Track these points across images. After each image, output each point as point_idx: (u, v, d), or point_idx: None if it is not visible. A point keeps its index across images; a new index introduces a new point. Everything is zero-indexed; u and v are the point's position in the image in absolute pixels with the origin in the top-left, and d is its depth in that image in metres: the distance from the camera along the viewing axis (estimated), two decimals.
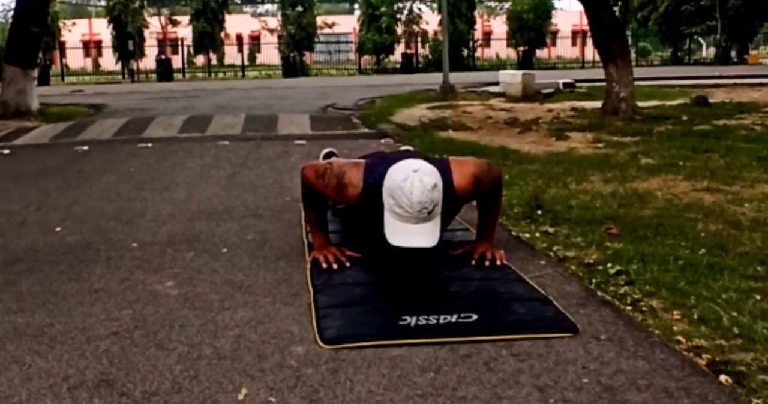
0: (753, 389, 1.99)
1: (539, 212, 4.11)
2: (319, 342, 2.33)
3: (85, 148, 7.84)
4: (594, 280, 2.97)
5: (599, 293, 2.80)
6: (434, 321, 2.43)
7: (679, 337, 2.35)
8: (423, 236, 2.75)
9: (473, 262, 3.10)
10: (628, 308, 2.64)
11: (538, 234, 3.72)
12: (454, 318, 2.45)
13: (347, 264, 3.10)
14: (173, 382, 2.08)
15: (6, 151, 7.81)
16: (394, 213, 2.76)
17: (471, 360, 2.19)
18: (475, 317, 2.46)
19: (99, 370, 2.17)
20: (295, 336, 2.40)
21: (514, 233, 3.76)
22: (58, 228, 4.06)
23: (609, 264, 3.13)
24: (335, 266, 3.07)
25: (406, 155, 3.16)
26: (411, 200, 2.68)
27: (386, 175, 2.82)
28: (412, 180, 2.70)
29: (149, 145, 7.94)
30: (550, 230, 3.78)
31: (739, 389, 2.00)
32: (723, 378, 2.06)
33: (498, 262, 3.08)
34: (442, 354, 2.23)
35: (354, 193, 3.03)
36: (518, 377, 2.08)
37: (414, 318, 2.45)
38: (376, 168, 3.01)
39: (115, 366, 2.20)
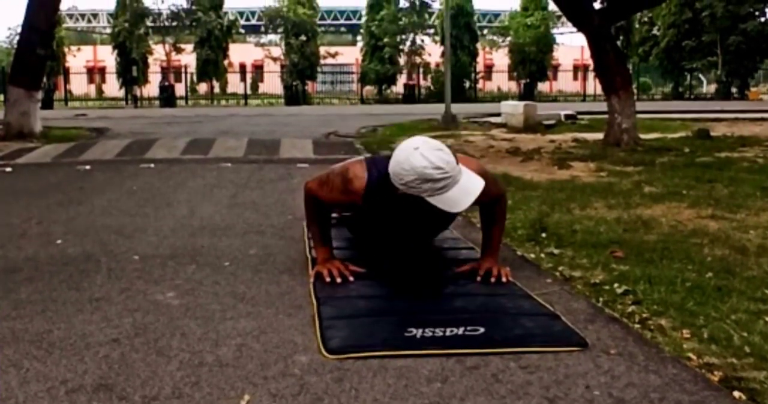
0: None
1: (543, 235, 4.08)
2: (324, 351, 2.28)
3: (87, 167, 7.83)
4: (601, 299, 2.93)
5: (607, 310, 2.77)
6: (441, 333, 2.38)
7: (690, 354, 2.31)
8: (470, 191, 2.73)
9: (479, 279, 3.06)
10: (637, 325, 2.60)
11: (543, 255, 3.69)
12: (460, 331, 2.41)
13: (351, 278, 3.06)
14: (174, 388, 2.04)
15: (8, 169, 7.80)
16: (428, 189, 2.70)
17: (478, 372, 2.15)
18: (482, 330, 2.42)
19: (98, 375, 2.12)
20: (298, 345, 2.36)
21: (519, 253, 3.73)
22: (58, 241, 4.03)
23: (615, 285, 3.10)
24: (339, 280, 3.03)
25: None
26: (432, 167, 2.64)
27: (390, 163, 2.79)
28: (419, 154, 2.67)
29: (151, 165, 7.93)
30: (555, 252, 3.74)
31: None
32: (737, 394, 2.02)
33: (504, 279, 3.05)
34: (449, 365, 2.19)
35: (360, 186, 2.99)
36: (527, 388, 2.03)
37: (420, 330, 2.40)
38: (378, 161, 3.02)
39: (114, 371, 2.15)
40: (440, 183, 2.68)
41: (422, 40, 34.45)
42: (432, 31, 35.36)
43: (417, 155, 2.67)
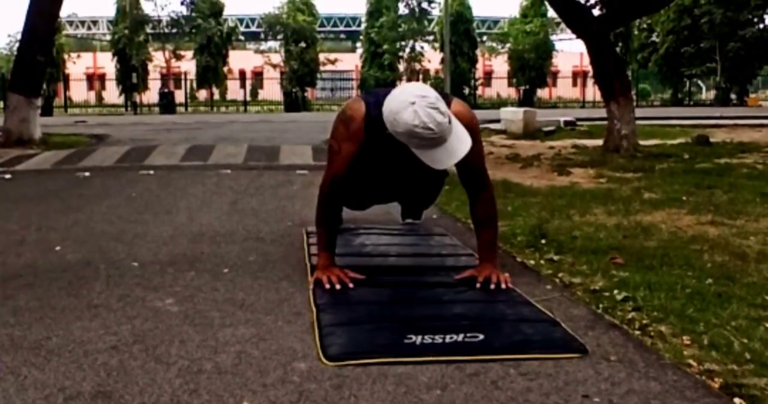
0: None
1: (543, 241, 4.08)
2: (323, 358, 2.28)
3: (87, 174, 7.82)
4: (601, 305, 2.92)
5: (607, 317, 2.76)
6: (440, 340, 2.38)
7: (690, 361, 2.30)
8: (454, 152, 2.81)
9: (478, 285, 3.05)
10: (637, 332, 2.60)
11: (542, 262, 3.68)
12: (460, 338, 2.40)
13: (350, 285, 3.06)
14: (172, 395, 2.03)
15: (7, 176, 7.79)
16: (414, 143, 2.77)
17: (478, 379, 2.14)
18: (481, 337, 2.42)
19: (96, 382, 2.12)
20: (297, 352, 2.35)
21: (518, 259, 3.72)
22: (57, 248, 4.02)
23: (615, 291, 3.08)
24: (338, 286, 3.02)
25: None
26: (422, 126, 2.70)
27: (386, 102, 2.83)
28: (412, 110, 2.71)
29: (151, 172, 7.93)
30: (555, 258, 3.73)
31: None
32: (737, 401, 2.01)
33: (503, 285, 3.04)
34: (448, 372, 2.18)
35: (359, 117, 3.03)
36: (527, 395, 2.02)
37: (419, 337, 2.40)
38: (374, 94, 3.08)
39: (112, 378, 2.15)
40: (426, 141, 2.76)
41: (422, 47, 34.59)
42: (431, 37, 35.48)
43: (410, 110, 2.71)
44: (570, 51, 41.54)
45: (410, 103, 2.73)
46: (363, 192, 3.66)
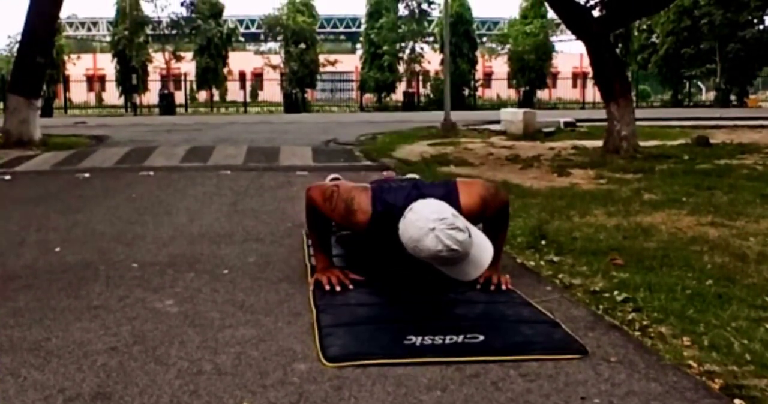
0: None
1: (543, 242, 4.08)
2: (323, 359, 2.28)
3: (87, 175, 7.82)
4: (601, 306, 2.92)
5: (607, 318, 2.76)
6: (440, 341, 2.38)
7: (691, 362, 2.30)
8: (479, 264, 2.74)
9: (478, 286, 3.05)
10: (637, 333, 2.60)
11: (543, 263, 3.68)
12: (460, 339, 2.40)
13: (350, 286, 3.05)
14: (172, 396, 2.03)
15: (7, 177, 7.79)
16: (439, 264, 2.72)
17: (478, 380, 2.14)
18: (482, 338, 2.42)
19: (96, 383, 2.11)
20: (297, 353, 2.35)
21: (519, 260, 3.72)
22: (57, 249, 4.02)
23: (615, 292, 3.09)
24: (338, 288, 3.02)
25: (412, 190, 3.02)
26: (447, 250, 2.63)
27: (402, 228, 2.74)
28: (434, 236, 2.63)
29: (151, 173, 7.93)
30: (555, 259, 3.73)
31: None
32: (738, 402, 2.01)
33: (504, 287, 3.04)
34: (448, 374, 2.18)
35: (363, 219, 2.98)
36: (527, 397, 2.02)
37: (419, 338, 2.40)
38: (385, 195, 2.98)
39: (112, 379, 2.14)
40: (451, 261, 2.69)
41: (421, 48, 34.53)
42: (431, 38, 35.45)
43: (432, 237, 2.63)
44: (570, 52, 41.51)
45: (430, 229, 2.64)
46: (363, 255, 3.59)
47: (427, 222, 2.66)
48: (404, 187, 3.06)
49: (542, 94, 36.35)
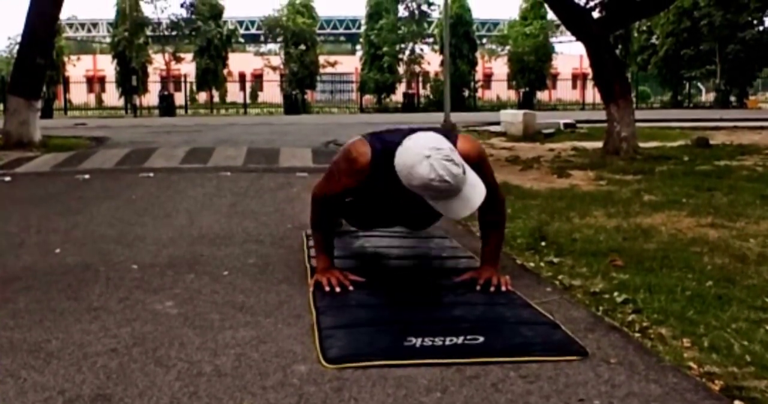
0: None
1: (543, 244, 4.08)
2: (323, 361, 2.28)
3: (87, 176, 7.81)
4: (601, 308, 2.92)
5: (607, 319, 2.76)
6: (440, 343, 2.38)
7: (691, 363, 2.30)
8: (470, 202, 2.76)
9: (478, 288, 3.05)
10: (637, 334, 2.60)
11: (542, 264, 3.69)
12: (460, 340, 2.40)
13: (350, 287, 3.05)
14: (172, 398, 2.03)
15: (7, 178, 7.79)
16: (430, 195, 2.74)
17: (478, 381, 2.14)
18: (481, 339, 2.42)
19: (96, 385, 2.11)
20: (297, 355, 2.35)
21: (518, 262, 3.72)
22: (57, 250, 4.02)
23: (615, 294, 3.09)
24: (338, 289, 3.02)
25: (410, 132, 2.99)
26: (439, 179, 2.65)
27: (398, 154, 2.78)
28: (428, 164, 2.65)
29: (151, 174, 7.92)
30: (555, 260, 3.74)
31: None
32: (738, 403, 2.01)
33: (503, 288, 3.04)
34: (448, 375, 2.18)
35: (365, 161, 2.96)
36: (527, 398, 2.02)
37: (419, 339, 2.40)
38: (383, 135, 3.04)
39: (112, 381, 2.14)
40: (442, 193, 2.71)
41: (421, 49, 34.54)
42: (431, 40, 35.47)
43: (426, 164, 2.65)
44: (570, 53, 41.48)
45: (425, 156, 2.66)
46: (366, 217, 3.68)
47: (423, 150, 2.69)
48: (402, 129, 3.08)
49: (542, 96, 36.38)
